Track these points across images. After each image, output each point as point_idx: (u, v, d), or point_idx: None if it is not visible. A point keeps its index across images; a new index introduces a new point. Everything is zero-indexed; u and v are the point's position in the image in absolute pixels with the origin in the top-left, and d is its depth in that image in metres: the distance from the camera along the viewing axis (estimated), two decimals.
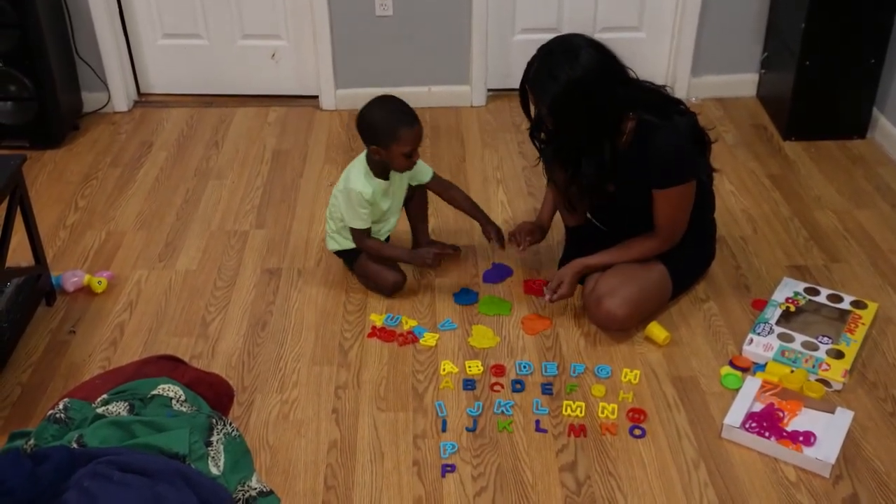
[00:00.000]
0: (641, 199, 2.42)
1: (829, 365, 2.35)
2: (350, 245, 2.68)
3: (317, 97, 3.91)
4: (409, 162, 2.53)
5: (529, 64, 2.34)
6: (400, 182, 2.67)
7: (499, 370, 2.41)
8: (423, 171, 2.72)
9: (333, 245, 2.73)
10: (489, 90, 3.91)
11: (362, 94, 3.84)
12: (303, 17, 3.75)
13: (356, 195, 2.55)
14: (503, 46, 3.84)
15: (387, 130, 2.47)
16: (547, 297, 2.55)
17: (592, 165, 2.36)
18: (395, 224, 2.76)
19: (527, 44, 3.79)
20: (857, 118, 3.52)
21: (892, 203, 3.12)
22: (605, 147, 2.33)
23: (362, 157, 2.61)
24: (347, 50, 3.79)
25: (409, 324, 2.58)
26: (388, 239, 2.79)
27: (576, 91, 2.23)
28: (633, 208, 2.47)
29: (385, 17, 3.71)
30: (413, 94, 3.83)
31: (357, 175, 2.58)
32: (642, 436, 2.21)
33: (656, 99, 2.38)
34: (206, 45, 3.88)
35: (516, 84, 2.42)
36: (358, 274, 2.74)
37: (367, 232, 2.64)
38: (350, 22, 3.72)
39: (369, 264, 2.68)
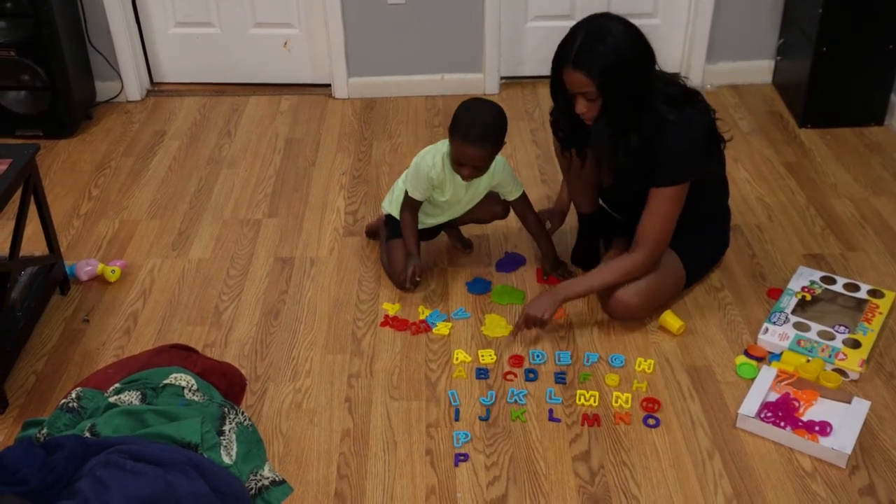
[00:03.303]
0: (646, 187, 2.39)
1: (845, 354, 2.33)
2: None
3: (329, 86, 3.90)
4: (459, 169, 2.47)
5: (565, 43, 2.26)
6: (477, 187, 2.60)
7: (516, 360, 2.39)
8: (509, 188, 2.64)
9: (388, 207, 2.72)
10: (502, 78, 3.89)
11: (375, 83, 3.88)
12: (315, 6, 3.73)
13: (424, 169, 2.52)
14: (516, 34, 3.81)
15: (452, 129, 2.44)
16: (524, 327, 2.44)
17: (637, 140, 2.30)
18: (448, 219, 2.73)
19: (540, 31, 3.79)
20: (875, 105, 3.48)
21: None
22: (647, 120, 2.29)
23: None
24: (360, 38, 3.77)
25: (423, 313, 2.58)
26: (438, 230, 2.78)
27: (625, 56, 2.20)
28: (643, 196, 2.43)
29: (397, 5, 3.69)
30: (426, 82, 3.86)
31: (437, 152, 2.54)
32: (656, 425, 2.20)
33: (674, 90, 2.35)
34: (219, 34, 3.87)
35: (529, 72, 2.40)
36: (382, 251, 2.73)
37: (416, 205, 2.60)
38: (362, 10, 3.70)
39: (395, 252, 2.66)
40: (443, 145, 2.55)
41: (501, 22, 3.74)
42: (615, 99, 2.26)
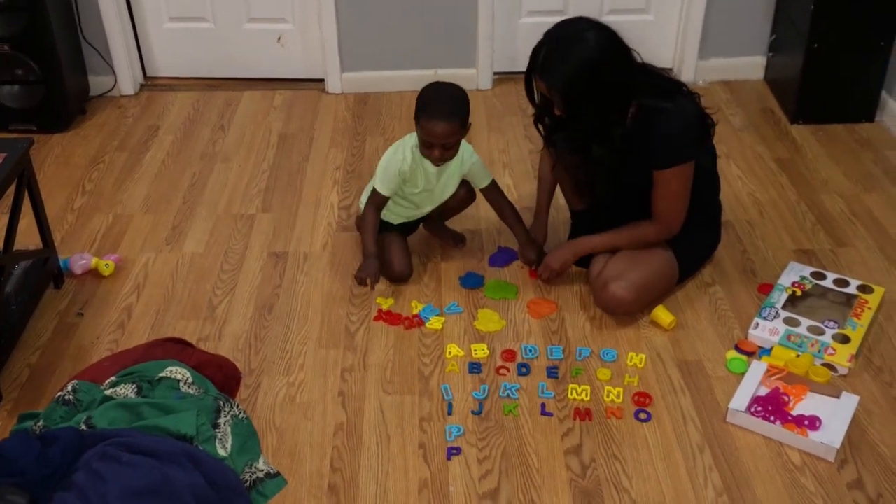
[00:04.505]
0: (644, 182, 2.42)
1: (834, 349, 2.35)
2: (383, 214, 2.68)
3: (323, 80, 3.91)
4: (429, 152, 2.48)
5: (535, 51, 2.32)
6: (448, 176, 2.62)
7: (509, 355, 2.41)
8: (480, 176, 2.67)
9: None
10: (495, 73, 3.90)
11: (368, 78, 3.88)
12: (308, 1, 3.74)
13: (394, 164, 2.53)
14: (509, 29, 3.82)
15: (418, 111, 2.46)
16: (543, 276, 2.62)
17: (604, 150, 2.35)
18: (425, 213, 2.74)
19: (533, 27, 3.76)
20: (866, 101, 3.50)
21: None
22: (616, 131, 2.33)
23: None
24: (353, 33, 3.78)
25: (416, 307, 2.59)
26: (417, 224, 2.79)
27: (588, 72, 2.22)
28: (637, 191, 2.46)
29: (391, 0, 3.70)
30: (419, 78, 3.82)
31: (405, 146, 2.55)
32: (647, 420, 2.21)
33: (659, 83, 2.37)
34: (213, 29, 3.87)
35: (523, 67, 2.41)
36: (361, 231, 2.74)
37: (382, 202, 2.61)
38: (356, 5, 3.71)
39: (382, 247, 2.67)
40: (410, 138, 2.56)
41: (495, 17, 3.75)
42: (579, 110, 2.29)
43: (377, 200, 2.60)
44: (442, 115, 2.42)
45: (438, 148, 2.45)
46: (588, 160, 2.41)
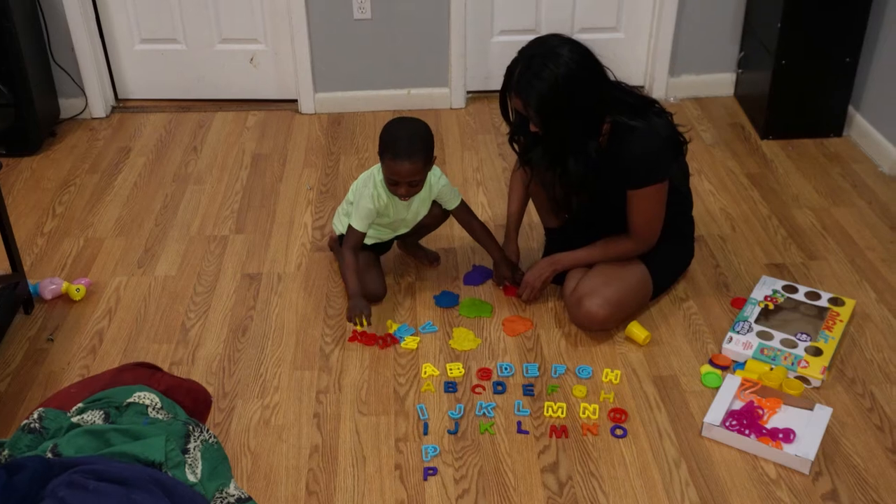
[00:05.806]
0: (618, 198, 2.43)
1: (807, 362, 2.37)
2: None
3: (296, 101, 3.90)
4: (395, 189, 2.48)
5: (510, 69, 2.34)
6: (419, 203, 2.61)
7: (485, 373, 2.40)
8: (449, 198, 2.66)
9: (339, 227, 2.71)
10: (468, 92, 3.92)
11: (341, 98, 3.89)
12: (281, 21, 3.74)
13: (366, 204, 2.52)
14: (482, 48, 3.84)
15: (381, 150, 2.46)
16: (524, 296, 2.61)
17: (580, 164, 2.36)
18: (399, 234, 2.75)
19: (505, 45, 3.82)
20: (834, 116, 3.54)
21: (869, 200, 3.15)
22: (591, 146, 2.34)
23: None
24: (326, 53, 3.78)
25: (391, 327, 2.58)
26: (390, 244, 2.79)
27: (562, 88, 2.23)
28: (612, 208, 2.48)
29: (363, 21, 3.71)
30: (392, 97, 3.88)
31: (373, 183, 2.54)
32: (623, 436, 2.21)
33: (632, 100, 2.39)
34: (184, 50, 3.86)
35: (496, 86, 2.42)
36: (343, 270, 2.72)
37: (360, 240, 2.59)
38: (328, 25, 3.72)
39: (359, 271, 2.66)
40: (378, 172, 2.55)
41: (467, 36, 3.77)
42: (555, 126, 2.30)
43: (355, 239, 2.57)
44: (406, 154, 2.41)
45: (404, 185, 2.46)
46: (564, 175, 2.42)
